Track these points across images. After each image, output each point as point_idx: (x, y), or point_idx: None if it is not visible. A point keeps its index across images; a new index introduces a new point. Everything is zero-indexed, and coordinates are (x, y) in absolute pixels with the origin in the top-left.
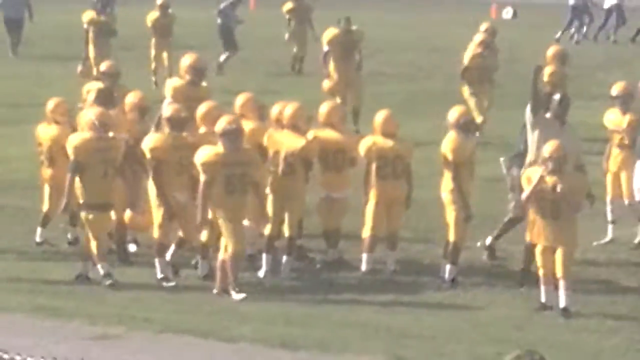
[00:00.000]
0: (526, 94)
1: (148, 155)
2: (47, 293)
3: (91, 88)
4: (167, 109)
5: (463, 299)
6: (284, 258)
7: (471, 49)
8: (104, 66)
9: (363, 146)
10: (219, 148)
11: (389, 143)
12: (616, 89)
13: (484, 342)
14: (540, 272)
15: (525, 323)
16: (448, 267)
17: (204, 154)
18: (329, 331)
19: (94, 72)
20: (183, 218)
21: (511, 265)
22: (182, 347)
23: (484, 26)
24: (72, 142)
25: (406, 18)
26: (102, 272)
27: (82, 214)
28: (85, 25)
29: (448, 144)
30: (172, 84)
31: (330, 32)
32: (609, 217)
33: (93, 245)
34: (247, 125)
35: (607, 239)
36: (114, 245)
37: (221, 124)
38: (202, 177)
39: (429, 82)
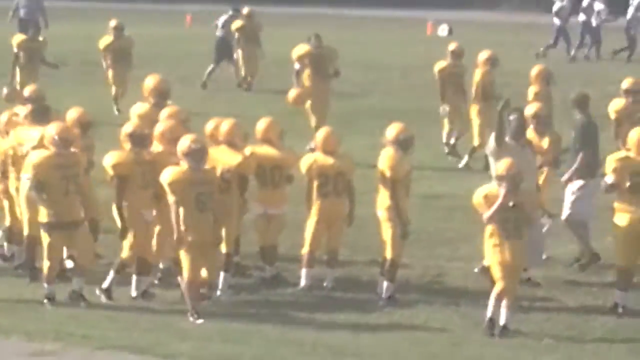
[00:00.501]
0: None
1: (110, 172)
2: None
3: (18, 112)
4: (128, 125)
5: (401, 316)
6: (221, 274)
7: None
8: (27, 91)
9: (304, 163)
10: (183, 167)
11: (329, 160)
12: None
13: None
14: (499, 289)
15: (463, 340)
16: (385, 284)
17: (170, 174)
18: (266, 348)
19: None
20: (146, 237)
21: (448, 282)
22: None
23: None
24: (33, 159)
25: (341, 36)
26: (45, 292)
27: (42, 233)
28: (15, 49)
29: (385, 161)
30: (136, 111)
31: (302, 49)
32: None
33: (45, 265)
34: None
35: (544, 256)
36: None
37: (186, 143)
38: (172, 198)
39: (366, 99)
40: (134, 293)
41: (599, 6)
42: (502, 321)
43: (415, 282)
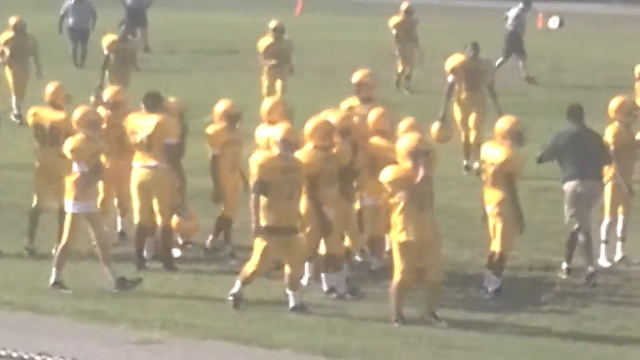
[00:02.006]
0: (572, 103)
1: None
2: (92, 297)
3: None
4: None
5: (507, 311)
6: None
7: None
8: (107, 94)
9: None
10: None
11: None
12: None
13: (526, 354)
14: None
15: (568, 335)
16: (493, 278)
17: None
18: (371, 340)
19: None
20: (331, 233)
21: (554, 276)
22: (225, 354)
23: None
24: (257, 160)
25: (452, 26)
26: (235, 291)
27: (257, 237)
28: (105, 51)
29: (502, 155)
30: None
31: (456, 59)
32: None
33: (250, 268)
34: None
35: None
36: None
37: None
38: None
39: None
40: (325, 288)
41: None
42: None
43: (522, 276)
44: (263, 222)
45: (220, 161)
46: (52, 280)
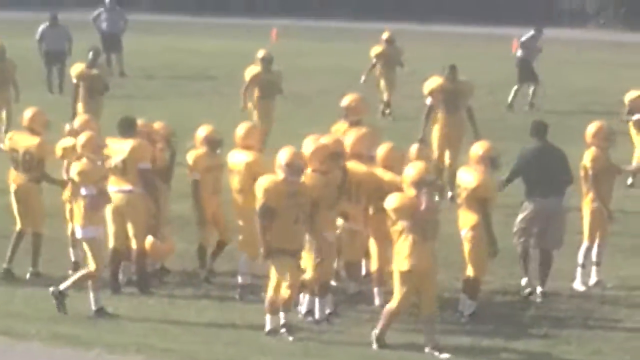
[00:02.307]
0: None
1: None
2: (67, 321)
3: (66, 145)
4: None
5: (484, 335)
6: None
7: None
8: (77, 122)
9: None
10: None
11: (388, 176)
12: None
13: None
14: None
15: (544, 359)
16: (467, 302)
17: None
18: None
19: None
20: (329, 259)
21: (528, 301)
22: None
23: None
24: (263, 184)
25: (428, 51)
26: (281, 322)
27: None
28: (74, 80)
29: (476, 180)
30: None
31: (434, 82)
32: None
33: (270, 291)
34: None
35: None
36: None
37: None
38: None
39: None
40: (317, 315)
41: None
42: None
43: (498, 300)
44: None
45: (200, 186)
46: (93, 307)
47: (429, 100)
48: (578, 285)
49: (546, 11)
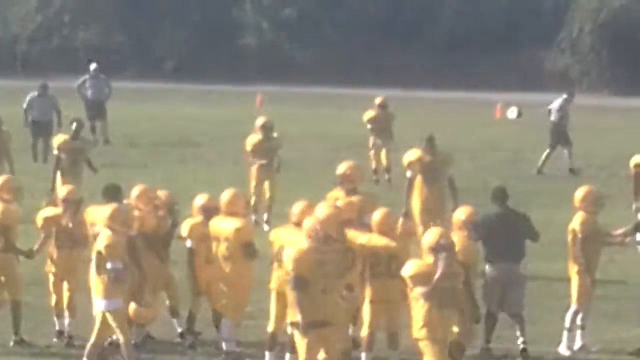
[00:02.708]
0: (532, 192)
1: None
2: None
3: (47, 215)
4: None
5: None
6: (287, 356)
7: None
8: (62, 192)
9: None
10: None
11: (383, 241)
12: None
13: None
14: None
15: None
16: None
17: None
18: None
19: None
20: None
21: None
22: None
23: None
24: (292, 254)
25: (410, 118)
26: None
27: (296, 334)
28: (55, 151)
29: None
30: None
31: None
32: None
33: None
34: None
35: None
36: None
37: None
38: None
39: None
40: None
41: None
42: None
43: None
44: (298, 317)
45: (195, 254)
46: None
47: (409, 173)
48: (563, 350)
49: (530, 76)
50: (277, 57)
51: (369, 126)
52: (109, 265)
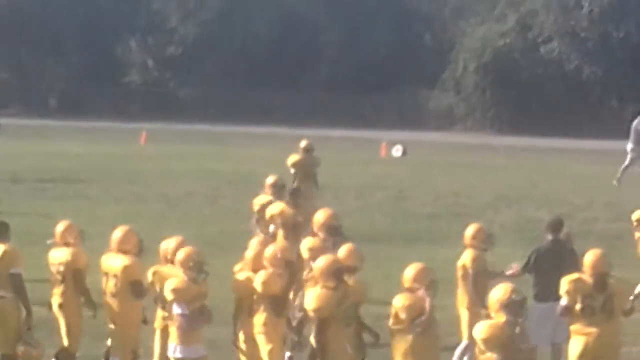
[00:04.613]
0: (414, 230)
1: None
2: None
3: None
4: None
5: None
6: None
7: None
8: None
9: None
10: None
11: None
12: None
13: None
14: None
15: None
16: None
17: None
18: None
19: None
20: None
21: None
22: None
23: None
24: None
25: None
26: None
27: None
28: None
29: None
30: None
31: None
32: None
33: None
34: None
35: None
36: None
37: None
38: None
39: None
40: None
41: None
42: None
43: None
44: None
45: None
46: None
47: (271, 227)
48: None
49: (415, 114)
50: (161, 94)
51: (292, 170)
52: (174, 309)
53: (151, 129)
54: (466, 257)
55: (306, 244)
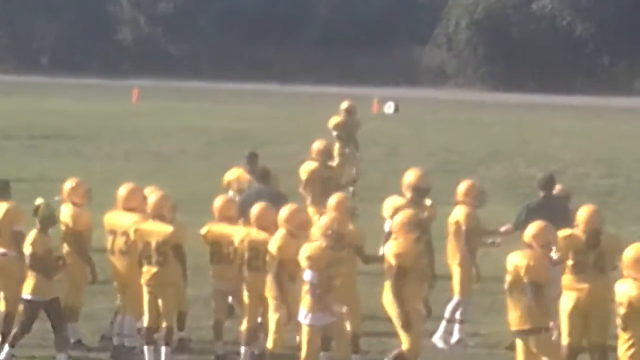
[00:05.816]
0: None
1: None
2: None
3: None
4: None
5: None
6: (163, 349)
7: None
8: None
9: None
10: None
11: (262, 235)
12: None
13: None
14: None
15: None
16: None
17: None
18: None
19: None
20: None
21: None
22: None
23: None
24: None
25: (287, 112)
26: None
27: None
28: None
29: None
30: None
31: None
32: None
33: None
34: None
35: None
36: None
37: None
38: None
39: None
40: None
41: None
42: None
43: None
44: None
45: None
46: None
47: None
48: (437, 340)
49: (407, 71)
50: (153, 51)
51: (334, 133)
52: (306, 275)
53: (143, 85)
54: (459, 214)
55: (390, 202)
